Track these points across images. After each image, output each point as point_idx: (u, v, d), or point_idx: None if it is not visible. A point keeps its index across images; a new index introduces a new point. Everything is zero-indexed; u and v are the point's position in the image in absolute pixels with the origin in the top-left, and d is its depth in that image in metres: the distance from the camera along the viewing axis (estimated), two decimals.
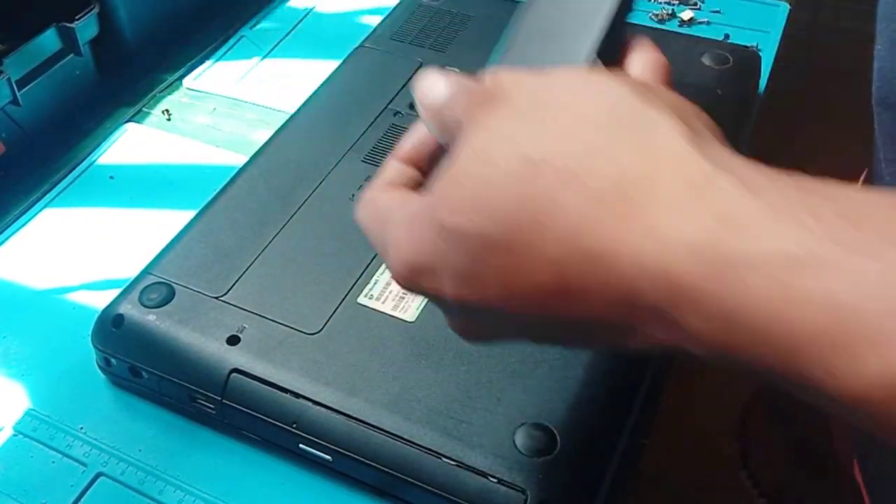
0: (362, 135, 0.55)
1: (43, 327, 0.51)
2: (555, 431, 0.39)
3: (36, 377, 0.48)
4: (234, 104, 0.68)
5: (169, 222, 0.55)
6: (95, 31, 0.64)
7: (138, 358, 0.44)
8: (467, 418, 0.39)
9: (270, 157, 0.54)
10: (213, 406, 0.43)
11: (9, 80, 0.58)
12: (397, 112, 0.57)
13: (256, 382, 0.42)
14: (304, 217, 0.49)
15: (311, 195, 0.51)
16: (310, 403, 0.41)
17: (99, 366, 0.47)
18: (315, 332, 0.43)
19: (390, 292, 0.45)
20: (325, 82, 0.60)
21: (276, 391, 0.41)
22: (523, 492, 0.37)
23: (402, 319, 0.44)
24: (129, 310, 0.45)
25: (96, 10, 0.63)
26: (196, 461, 0.44)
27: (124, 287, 0.47)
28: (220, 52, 0.72)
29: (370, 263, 0.46)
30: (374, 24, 0.66)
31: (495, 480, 0.38)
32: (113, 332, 0.45)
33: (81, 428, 0.46)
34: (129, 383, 0.46)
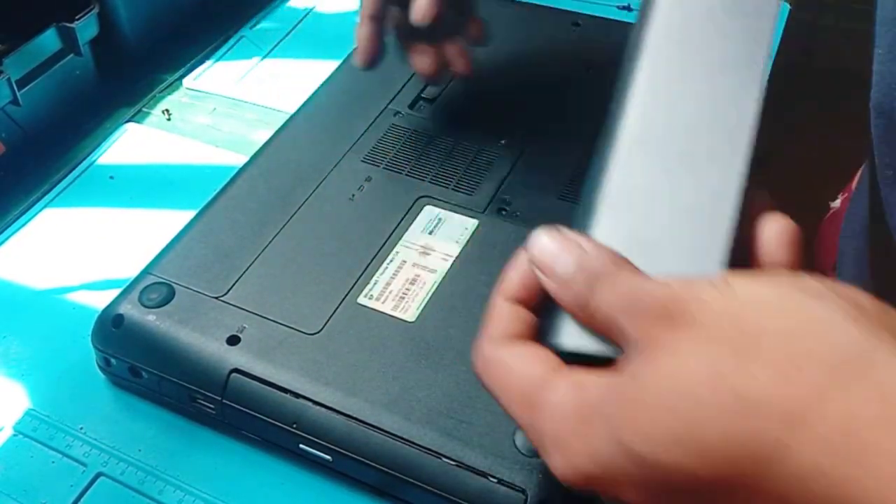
0: (362, 135, 0.55)
1: (43, 327, 0.51)
2: None
3: (36, 377, 0.48)
4: (234, 104, 0.68)
5: (169, 222, 0.55)
6: (95, 31, 0.64)
7: (138, 358, 0.45)
8: (467, 418, 0.39)
9: (270, 157, 0.54)
10: (213, 406, 0.43)
11: (9, 80, 0.58)
12: (397, 112, 0.57)
13: (256, 382, 0.42)
14: (304, 217, 0.50)
15: (311, 195, 0.51)
16: (310, 403, 0.41)
17: (99, 366, 0.47)
18: (315, 332, 0.43)
19: (390, 292, 0.45)
20: (325, 82, 0.60)
21: (276, 391, 0.41)
22: (523, 492, 0.37)
23: (402, 319, 0.44)
24: (129, 310, 0.45)
25: (96, 10, 0.63)
26: (196, 461, 0.44)
27: (124, 287, 0.47)
28: (220, 52, 0.73)
29: (370, 263, 0.46)
30: None
31: (495, 480, 0.38)
32: (113, 332, 0.45)
33: (81, 428, 0.46)
34: (128, 383, 0.46)
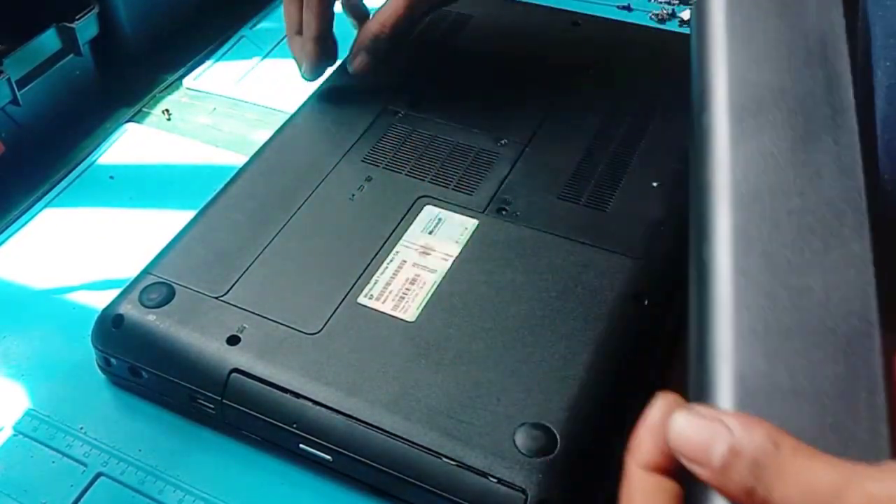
0: (362, 135, 0.55)
1: (43, 327, 0.51)
2: (555, 431, 0.39)
3: (36, 377, 0.48)
4: (234, 104, 0.68)
5: (169, 222, 0.55)
6: (95, 31, 0.64)
7: (138, 358, 0.44)
8: (467, 418, 0.39)
9: (270, 157, 0.54)
10: (213, 406, 0.43)
11: (9, 80, 0.58)
12: (397, 112, 0.57)
13: (256, 382, 0.42)
14: (304, 217, 0.49)
15: (311, 195, 0.51)
16: (310, 403, 0.41)
17: (99, 366, 0.47)
18: (315, 332, 0.43)
19: (390, 292, 0.45)
20: (326, 82, 0.60)
21: (276, 391, 0.41)
22: (523, 492, 0.37)
23: (402, 319, 0.44)
24: (129, 310, 0.45)
25: (96, 10, 0.63)
26: (196, 461, 0.44)
27: (124, 287, 0.47)
28: (220, 52, 0.72)
29: (370, 263, 0.46)
30: None
31: (495, 480, 0.38)
32: (113, 332, 0.45)
33: (81, 428, 0.46)
34: (129, 383, 0.46)
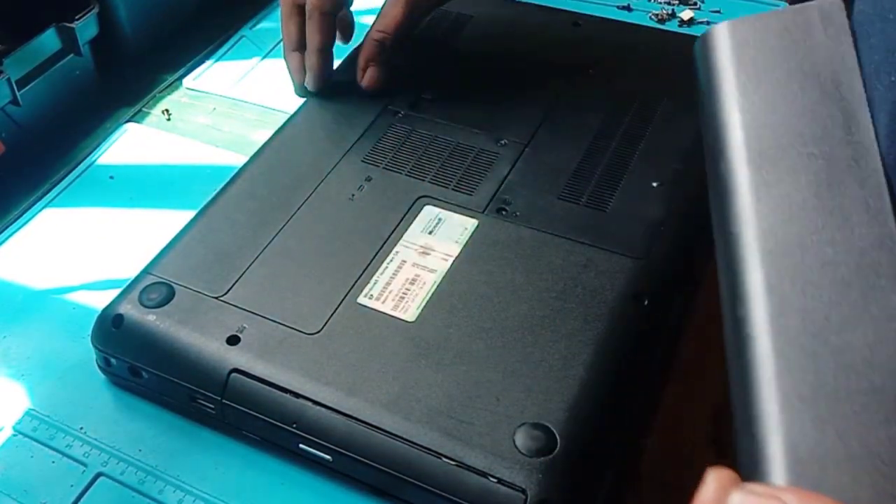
0: (362, 135, 0.55)
1: (43, 327, 0.51)
2: (555, 431, 0.39)
3: (36, 377, 0.48)
4: (234, 104, 0.68)
5: (169, 222, 0.55)
6: (95, 31, 0.64)
7: (138, 358, 0.44)
8: (467, 418, 0.39)
9: (270, 157, 0.54)
10: (213, 406, 0.43)
11: (9, 80, 0.58)
12: (397, 112, 0.57)
13: (256, 382, 0.42)
14: (304, 217, 0.49)
15: (311, 195, 0.51)
16: (310, 403, 0.41)
17: (99, 366, 0.47)
18: (315, 332, 0.43)
19: (390, 292, 0.45)
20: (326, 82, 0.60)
21: (276, 391, 0.41)
22: (523, 492, 0.37)
23: (402, 319, 0.44)
24: (128, 310, 0.45)
25: (96, 10, 0.63)
26: (196, 461, 0.44)
27: (124, 287, 0.47)
28: (220, 52, 0.72)
29: (370, 263, 0.46)
30: None
31: (495, 480, 0.38)
32: (113, 332, 0.45)
33: (81, 428, 0.46)
34: (129, 383, 0.46)
